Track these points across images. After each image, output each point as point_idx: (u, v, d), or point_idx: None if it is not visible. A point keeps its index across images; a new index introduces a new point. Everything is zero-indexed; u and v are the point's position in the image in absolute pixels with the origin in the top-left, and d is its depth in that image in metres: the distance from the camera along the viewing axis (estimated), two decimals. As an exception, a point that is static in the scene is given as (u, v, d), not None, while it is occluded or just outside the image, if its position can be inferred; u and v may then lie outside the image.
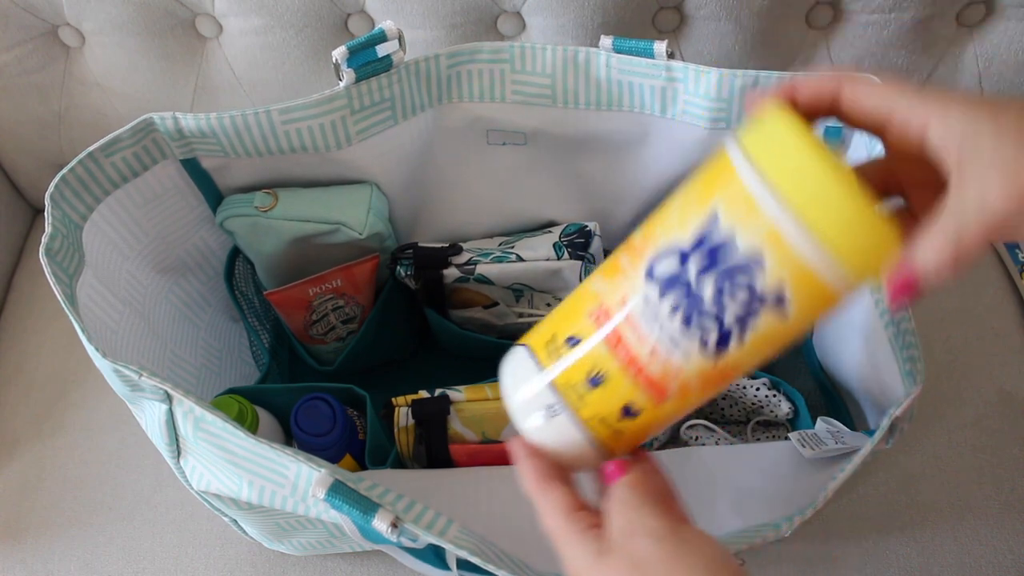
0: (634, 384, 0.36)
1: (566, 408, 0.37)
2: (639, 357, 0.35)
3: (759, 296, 0.33)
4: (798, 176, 0.31)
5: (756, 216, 0.32)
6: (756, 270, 0.32)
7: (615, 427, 0.37)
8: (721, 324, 0.34)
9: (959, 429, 0.71)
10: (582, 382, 0.37)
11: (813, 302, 0.33)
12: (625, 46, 0.56)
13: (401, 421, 0.62)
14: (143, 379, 0.44)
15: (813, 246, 0.31)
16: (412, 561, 0.58)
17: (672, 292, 0.34)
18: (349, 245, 0.62)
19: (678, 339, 0.34)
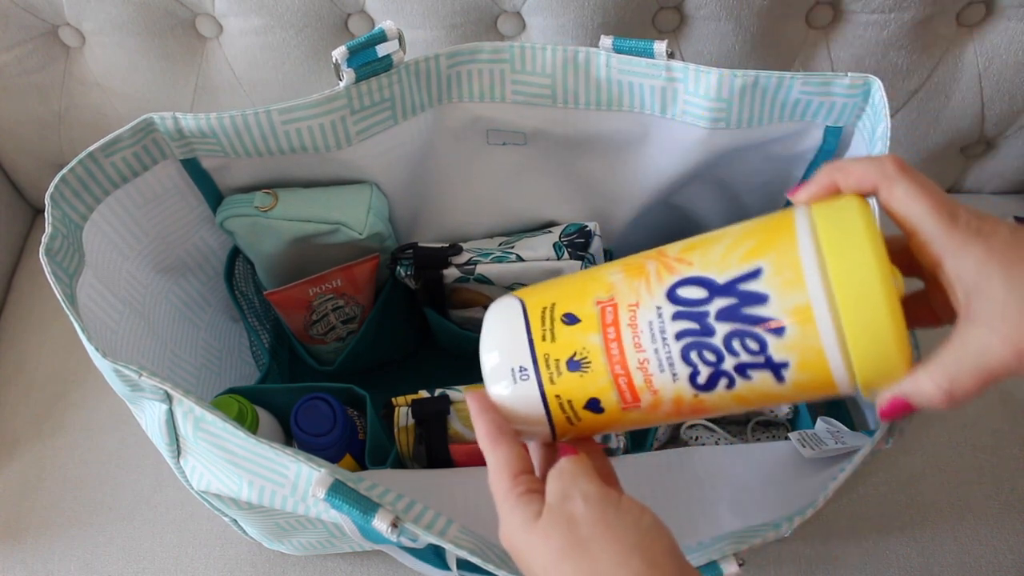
0: (611, 384, 0.36)
1: (538, 379, 0.38)
2: (628, 363, 0.36)
3: (766, 358, 0.33)
4: (853, 272, 0.32)
5: (798, 287, 0.32)
6: (774, 335, 0.33)
7: (576, 414, 0.38)
8: (717, 367, 0.34)
9: (959, 429, 0.71)
10: (563, 360, 0.37)
11: (811, 385, 0.34)
12: (625, 46, 0.56)
13: (401, 421, 0.62)
14: (143, 379, 0.44)
15: (837, 344, 0.32)
16: (412, 561, 0.58)
17: (686, 320, 0.34)
18: (349, 245, 0.62)
19: (672, 363, 0.35)
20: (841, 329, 0.32)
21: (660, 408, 0.36)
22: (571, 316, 0.37)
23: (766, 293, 0.33)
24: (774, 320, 0.33)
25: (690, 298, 0.34)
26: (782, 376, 0.33)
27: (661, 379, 0.35)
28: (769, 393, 0.35)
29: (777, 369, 0.33)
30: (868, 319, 0.31)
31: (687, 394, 0.35)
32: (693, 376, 0.35)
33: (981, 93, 0.78)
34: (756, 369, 0.34)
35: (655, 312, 0.35)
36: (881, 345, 0.32)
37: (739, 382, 0.34)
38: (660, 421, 0.38)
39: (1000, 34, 0.74)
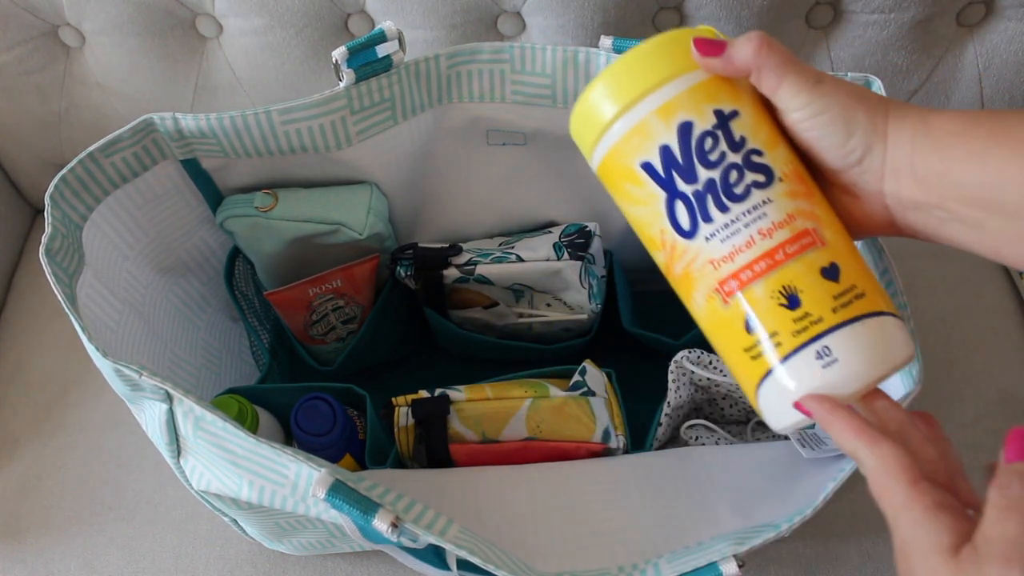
0: (796, 260, 0.36)
1: (816, 336, 0.36)
2: (767, 251, 0.37)
3: (709, 132, 0.38)
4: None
5: (644, 129, 0.39)
6: (690, 131, 0.38)
7: (844, 296, 0.36)
8: (739, 165, 0.38)
9: (959, 429, 0.71)
10: (789, 314, 0.36)
11: (723, 93, 0.39)
12: (625, 46, 0.56)
13: (401, 421, 0.62)
14: (143, 379, 0.44)
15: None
16: (412, 561, 0.58)
17: (705, 208, 0.38)
18: (349, 245, 0.62)
19: (754, 205, 0.37)
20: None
21: (814, 196, 0.38)
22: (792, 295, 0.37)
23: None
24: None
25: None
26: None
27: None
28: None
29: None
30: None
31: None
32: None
33: (981, 93, 0.78)
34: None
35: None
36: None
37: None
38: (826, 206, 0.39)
39: (1000, 34, 0.74)
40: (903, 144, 0.36)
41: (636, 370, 0.69)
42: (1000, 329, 0.77)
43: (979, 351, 0.75)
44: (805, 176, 0.38)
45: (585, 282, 0.65)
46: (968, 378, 0.74)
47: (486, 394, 0.62)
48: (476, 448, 0.61)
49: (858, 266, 0.37)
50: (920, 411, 0.37)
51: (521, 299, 0.68)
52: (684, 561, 0.47)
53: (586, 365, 0.65)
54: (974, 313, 0.78)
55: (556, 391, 0.63)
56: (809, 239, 0.37)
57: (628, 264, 0.75)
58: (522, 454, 0.61)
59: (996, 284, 0.80)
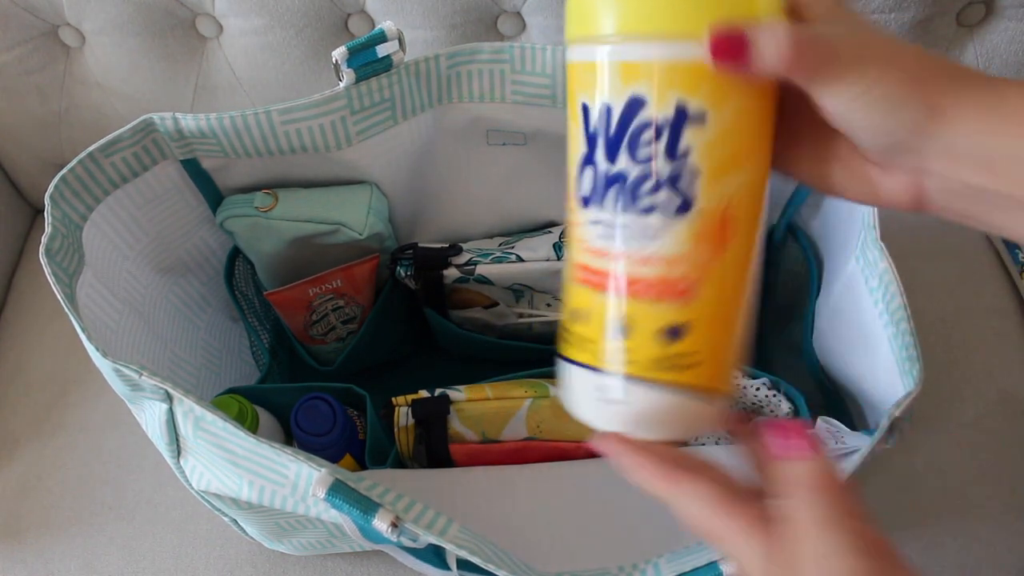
0: (649, 302, 0.32)
1: (618, 374, 0.33)
2: (630, 272, 0.32)
3: (654, 124, 0.31)
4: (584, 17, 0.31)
5: (595, 73, 0.31)
6: (637, 109, 0.31)
7: (675, 358, 0.33)
8: (658, 179, 0.31)
9: (959, 429, 0.71)
10: (609, 338, 0.33)
11: (707, 85, 0.30)
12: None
13: (401, 421, 0.62)
14: (143, 378, 0.44)
15: (632, 47, 0.30)
16: (412, 561, 0.58)
17: (604, 193, 0.32)
18: (349, 245, 0.62)
19: (645, 226, 0.32)
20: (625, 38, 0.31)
21: (706, 266, 0.33)
22: (577, 312, 0.35)
23: (598, 103, 0.32)
24: (618, 102, 0.32)
25: (588, 181, 0.33)
26: (690, 121, 0.31)
27: (658, 247, 0.32)
28: (719, 144, 0.32)
29: (675, 121, 0.31)
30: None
31: (694, 227, 0.32)
32: (668, 208, 0.32)
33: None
34: (675, 142, 0.32)
35: (591, 223, 0.33)
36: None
37: (688, 167, 0.32)
38: (736, 278, 0.34)
39: (1000, 34, 0.74)
40: (968, 124, 0.30)
41: (636, 370, 0.69)
42: (1000, 329, 0.77)
43: (979, 351, 0.75)
44: (735, 224, 0.32)
45: (585, 282, 0.65)
46: (968, 378, 0.74)
47: (486, 394, 0.62)
48: (476, 448, 0.61)
49: (717, 337, 0.33)
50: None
51: (521, 299, 0.68)
52: (684, 561, 0.47)
53: (586, 365, 0.65)
54: (974, 313, 0.78)
55: (556, 391, 0.63)
56: (676, 289, 0.32)
57: (628, 264, 0.75)
58: (522, 454, 0.61)
59: (996, 284, 0.80)
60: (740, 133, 0.31)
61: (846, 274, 0.56)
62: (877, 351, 0.52)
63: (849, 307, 0.56)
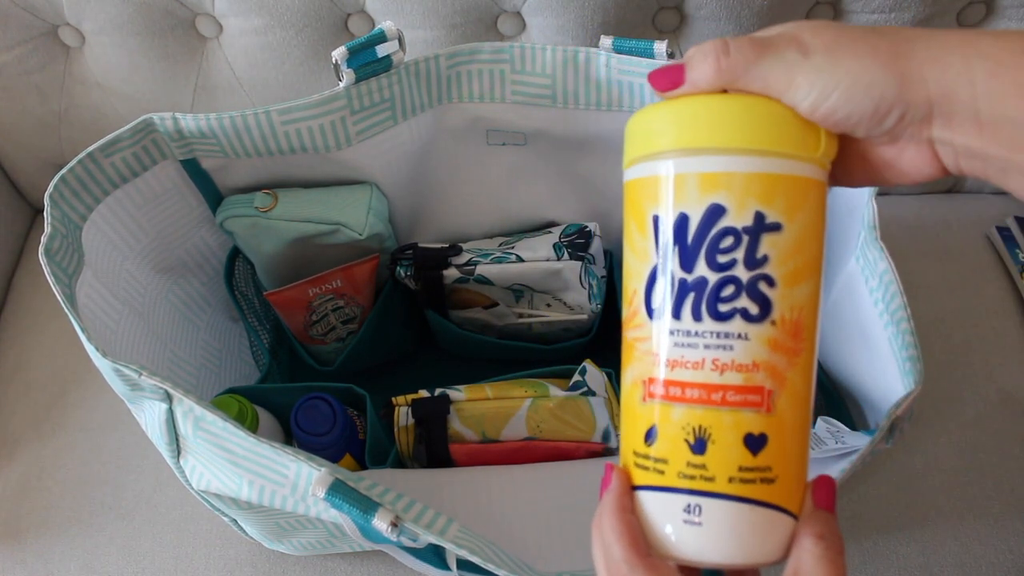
0: (730, 411, 0.32)
1: (698, 491, 0.33)
2: (709, 384, 0.32)
3: (734, 232, 0.32)
4: (662, 133, 0.33)
5: (670, 185, 0.33)
6: (717, 218, 0.32)
7: (755, 472, 0.32)
8: (738, 285, 0.32)
9: (959, 429, 0.71)
10: (687, 452, 0.33)
11: (781, 197, 0.32)
12: (625, 46, 0.56)
13: (401, 420, 0.62)
14: (143, 378, 0.44)
15: (724, 158, 0.32)
16: (412, 561, 0.58)
17: (680, 302, 0.33)
18: (349, 246, 0.62)
19: (726, 332, 0.32)
20: (708, 151, 0.33)
21: (782, 372, 0.33)
22: (650, 433, 0.34)
23: (673, 212, 0.34)
24: (695, 211, 0.33)
25: (660, 290, 0.33)
26: (768, 227, 0.32)
27: (740, 354, 0.33)
28: (794, 249, 0.33)
29: (756, 229, 0.33)
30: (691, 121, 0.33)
31: (771, 335, 0.33)
32: (748, 316, 0.33)
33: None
34: (754, 247, 0.33)
35: (667, 334, 0.33)
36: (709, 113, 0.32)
37: (765, 277, 0.33)
38: (806, 384, 0.34)
39: (1000, 34, 0.74)
40: (958, 83, 0.29)
41: (636, 370, 0.69)
42: (1000, 329, 0.77)
43: (979, 351, 0.75)
44: (804, 331, 0.33)
45: (585, 282, 0.65)
46: (968, 378, 0.74)
47: (486, 394, 0.62)
48: (476, 448, 0.61)
49: (791, 449, 0.33)
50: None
51: (521, 299, 0.68)
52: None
53: (586, 365, 0.65)
54: (974, 313, 0.78)
55: (556, 391, 0.63)
56: (757, 398, 0.32)
57: (628, 264, 0.75)
58: (522, 454, 0.61)
59: (996, 284, 0.80)
60: (808, 243, 0.33)
61: (846, 274, 0.56)
62: (877, 351, 0.52)
63: (849, 307, 0.56)
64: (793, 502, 0.33)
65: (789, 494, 0.33)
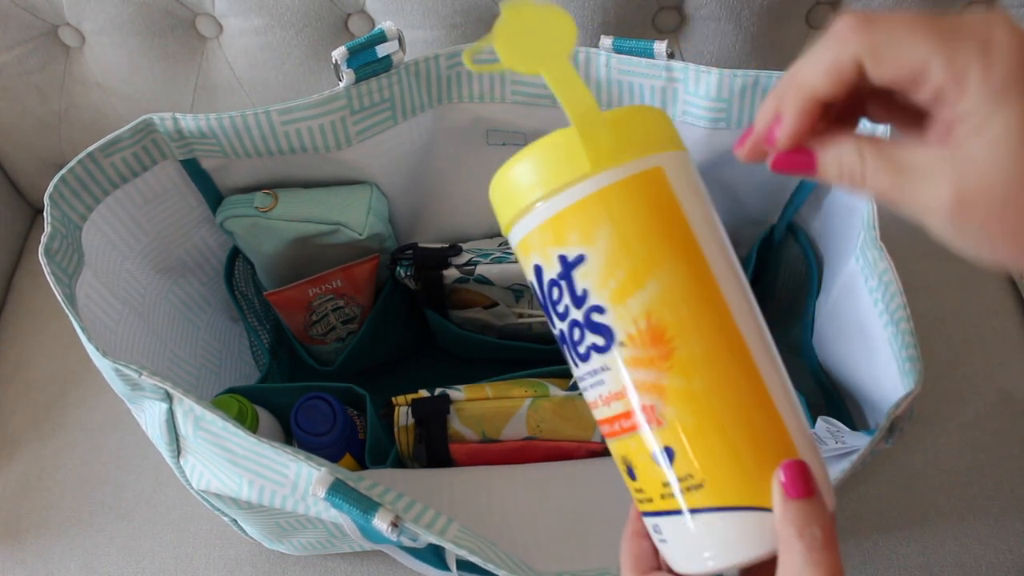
0: (629, 436, 0.33)
1: (650, 514, 0.34)
2: (605, 419, 0.34)
3: (555, 281, 0.33)
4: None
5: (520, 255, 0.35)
6: (541, 275, 0.34)
7: (678, 483, 0.32)
8: (579, 324, 0.33)
9: (959, 429, 0.71)
10: (628, 481, 0.34)
11: (572, 231, 0.32)
12: (625, 46, 0.56)
13: (401, 420, 0.62)
14: (143, 378, 0.44)
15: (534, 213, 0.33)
16: (412, 561, 0.58)
17: (565, 351, 0.34)
18: (349, 246, 0.62)
19: (592, 370, 0.33)
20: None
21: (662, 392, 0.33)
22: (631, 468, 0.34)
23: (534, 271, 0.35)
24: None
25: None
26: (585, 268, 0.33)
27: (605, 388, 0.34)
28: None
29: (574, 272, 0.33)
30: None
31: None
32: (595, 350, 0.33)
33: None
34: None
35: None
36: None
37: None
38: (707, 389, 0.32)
39: (1000, 34, 0.74)
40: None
41: (636, 370, 0.69)
42: (1000, 329, 0.77)
43: (979, 351, 0.75)
44: (663, 333, 0.31)
45: (585, 282, 0.65)
46: (968, 378, 0.74)
47: (486, 394, 0.62)
48: (476, 448, 0.61)
49: (712, 449, 0.31)
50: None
51: (521, 299, 0.68)
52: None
53: (586, 365, 0.65)
54: (974, 313, 0.78)
55: (556, 391, 0.63)
56: (631, 422, 0.32)
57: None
58: (522, 454, 0.61)
59: (996, 284, 0.80)
60: (629, 249, 0.32)
61: (846, 274, 0.56)
62: (877, 351, 0.52)
63: (849, 307, 0.56)
64: (740, 497, 0.32)
65: (729, 491, 0.32)
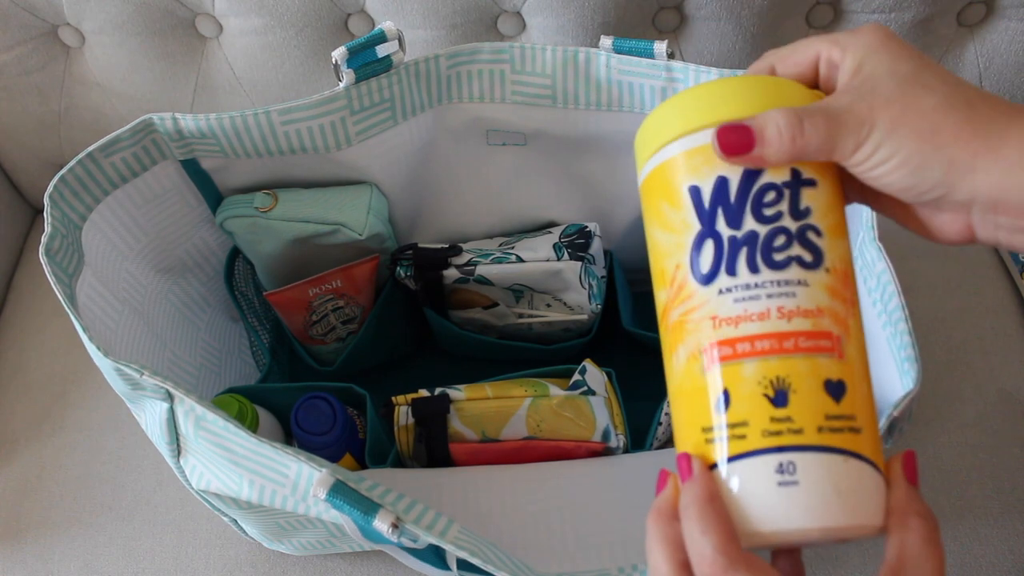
0: (805, 357, 0.32)
1: (788, 447, 0.31)
2: (780, 332, 0.32)
3: (775, 186, 0.33)
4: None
5: (705, 154, 0.34)
6: (756, 175, 0.34)
7: (842, 420, 0.31)
8: (789, 233, 0.33)
9: (959, 429, 0.71)
10: (770, 408, 0.32)
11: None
12: (625, 46, 0.56)
13: (401, 420, 0.62)
14: (144, 378, 0.44)
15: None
16: (412, 561, 0.58)
17: (734, 259, 0.33)
18: (349, 246, 0.62)
19: (787, 279, 0.32)
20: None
21: (844, 317, 0.33)
22: (723, 397, 0.33)
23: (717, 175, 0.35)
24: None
25: (709, 254, 0.34)
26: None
27: (803, 299, 0.33)
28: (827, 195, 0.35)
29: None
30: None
31: (826, 279, 0.33)
32: (803, 263, 0.33)
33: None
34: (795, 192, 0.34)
35: (722, 293, 0.34)
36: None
37: (809, 224, 0.34)
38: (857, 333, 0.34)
39: (1000, 34, 0.74)
40: (1008, 177, 0.30)
41: (636, 370, 0.69)
42: (1000, 329, 0.77)
43: (979, 351, 0.75)
44: (852, 284, 0.33)
45: (585, 282, 0.65)
46: (968, 378, 0.74)
47: (486, 393, 0.62)
48: (476, 447, 0.61)
49: (867, 400, 0.32)
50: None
51: (521, 299, 0.68)
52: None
53: (586, 364, 0.65)
54: (974, 313, 0.78)
55: (556, 390, 0.63)
56: (828, 343, 0.32)
57: (628, 264, 0.75)
58: (522, 453, 0.61)
59: (996, 284, 0.80)
60: (839, 203, 0.34)
61: (846, 274, 0.55)
62: (876, 351, 0.52)
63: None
64: (879, 456, 0.32)
65: (875, 446, 0.32)
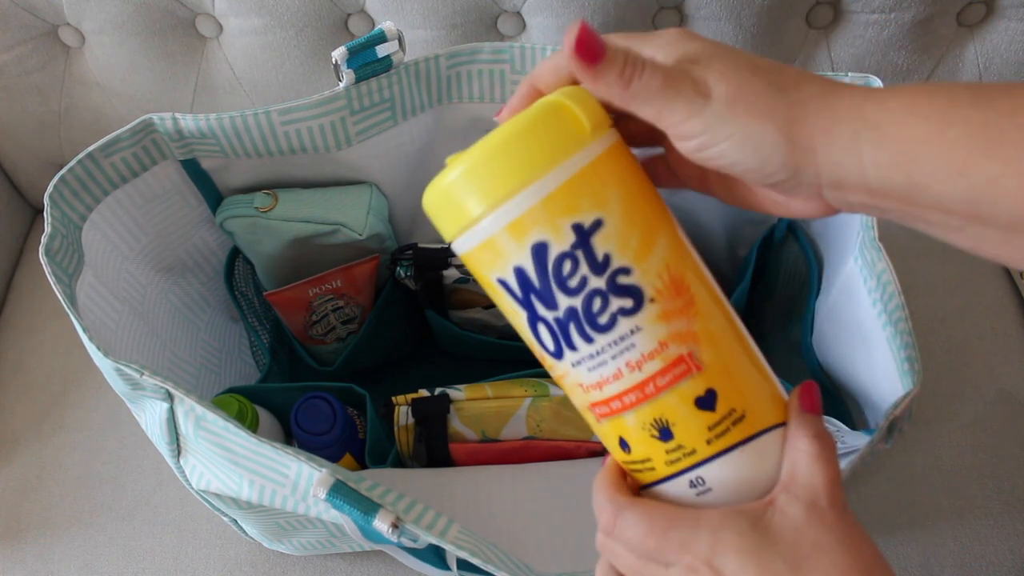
0: (668, 392, 0.33)
1: (690, 468, 0.34)
2: (637, 384, 0.33)
3: (567, 255, 0.32)
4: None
5: (491, 248, 0.33)
6: (545, 253, 0.32)
7: (723, 423, 0.34)
8: (601, 292, 0.33)
9: (959, 429, 0.71)
10: (657, 445, 0.34)
11: (585, 197, 0.32)
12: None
13: (401, 420, 0.62)
14: (145, 378, 0.44)
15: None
16: (412, 561, 0.58)
17: (567, 335, 0.34)
18: (349, 246, 0.62)
19: (621, 335, 0.33)
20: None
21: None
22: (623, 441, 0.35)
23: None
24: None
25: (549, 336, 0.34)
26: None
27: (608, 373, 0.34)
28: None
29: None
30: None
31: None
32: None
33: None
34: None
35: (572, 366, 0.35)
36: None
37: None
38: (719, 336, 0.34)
39: (1000, 34, 0.74)
40: (845, 156, 0.29)
41: (636, 370, 0.69)
42: (1000, 329, 0.77)
43: (979, 351, 0.75)
44: (683, 282, 0.33)
45: (585, 282, 0.65)
46: (968, 378, 0.74)
47: (486, 393, 0.62)
48: (476, 447, 0.61)
49: (740, 379, 0.34)
50: None
51: (521, 299, 0.68)
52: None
53: (586, 365, 0.65)
54: (974, 313, 0.78)
55: (556, 390, 0.63)
56: (683, 367, 0.33)
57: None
58: (522, 453, 0.61)
59: (996, 284, 0.80)
60: (637, 207, 0.33)
61: (844, 274, 0.56)
62: (876, 351, 0.52)
63: (847, 307, 0.56)
64: (773, 416, 0.34)
65: (765, 413, 0.34)
